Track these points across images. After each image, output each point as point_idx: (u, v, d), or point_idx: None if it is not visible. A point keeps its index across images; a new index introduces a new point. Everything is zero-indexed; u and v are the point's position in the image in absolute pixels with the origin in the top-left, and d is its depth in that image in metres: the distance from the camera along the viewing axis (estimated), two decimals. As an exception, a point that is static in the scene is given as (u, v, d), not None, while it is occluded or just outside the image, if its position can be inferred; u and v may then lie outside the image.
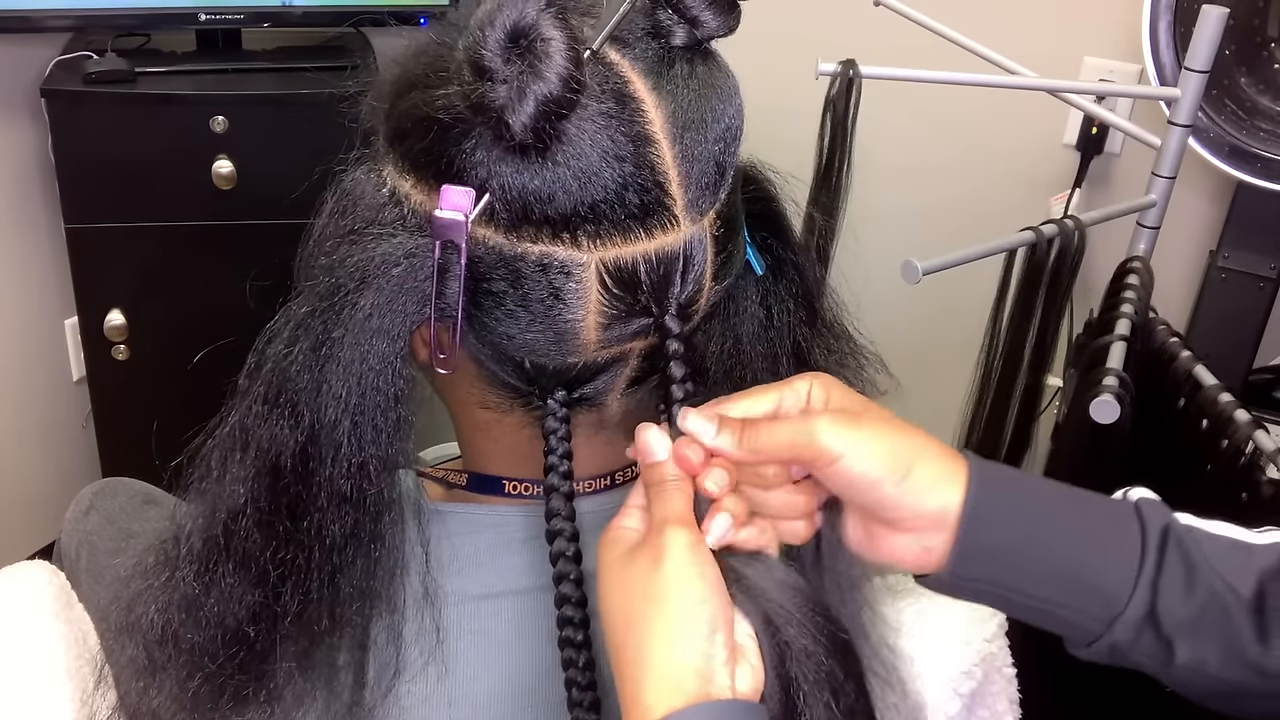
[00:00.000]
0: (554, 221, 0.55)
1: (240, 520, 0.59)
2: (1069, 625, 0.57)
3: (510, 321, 0.58)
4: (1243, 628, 0.55)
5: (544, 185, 0.55)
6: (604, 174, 0.55)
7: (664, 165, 0.56)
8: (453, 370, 0.62)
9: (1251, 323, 1.56)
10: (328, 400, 0.57)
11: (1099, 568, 0.56)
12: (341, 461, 0.57)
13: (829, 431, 0.55)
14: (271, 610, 0.59)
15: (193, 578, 0.61)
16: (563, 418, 0.62)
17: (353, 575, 0.59)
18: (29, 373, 1.89)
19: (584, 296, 0.57)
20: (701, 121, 0.58)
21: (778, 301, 0.69)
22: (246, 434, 0.59)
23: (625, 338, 0.60)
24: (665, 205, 0.57)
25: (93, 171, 1.61)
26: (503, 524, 0.66)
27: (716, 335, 0.68)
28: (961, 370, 1.38)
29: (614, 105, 0.56)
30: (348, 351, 0.56)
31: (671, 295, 0.59)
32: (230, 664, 0.60)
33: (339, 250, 0.59)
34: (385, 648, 0.62)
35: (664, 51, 0.58)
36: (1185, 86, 1.28)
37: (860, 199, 1.41)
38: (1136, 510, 0.58)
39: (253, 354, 0.60)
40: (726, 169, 0.60)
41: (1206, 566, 0.56)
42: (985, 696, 0.78)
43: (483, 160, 0.55)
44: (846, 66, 1.32)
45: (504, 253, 0.57)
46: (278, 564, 0.59)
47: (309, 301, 0.58)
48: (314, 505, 0.58)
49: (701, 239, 0.59)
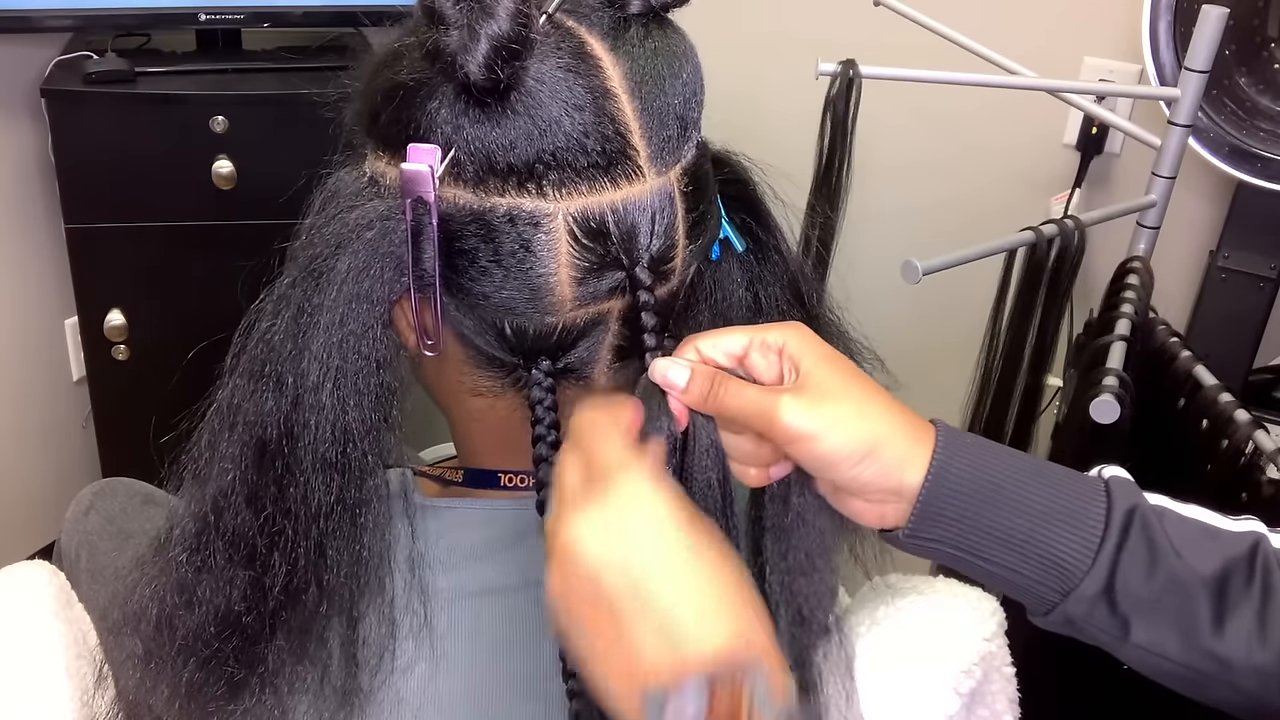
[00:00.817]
0: (518, 171, 0.57)
1: (230, 497, 0.60)
2: (1024, 593, 0.58)
3: (485, 280, 0.59)
4: (1201, 612, 0.56)
5: (504, 134, 0.57)
6: (564, 122, 0.57)
7: (624, 117, 0.58)
8: (439, 351, 0.63)
9: (1251, 323, 1.56)
10: (310, 366, 0.58)
11: (1057, 540, 0.56)
12: (324, 425, 0.58)
13: (791, 410, 0.55)
14: (261, 585, 0.60)
15: (185, 560, 0.62)
16: (548, 388, 0.63)
17: (339, 543, 0.60)
18: (29, 373, 1.89)
19: (554, 248, 0.59)
20: (659, 77, 0.60)
21: (764, 286, 0.71)
22: (234, 412, 0.60)
23: (600, 295, 0.61)
24: (628, 156, 0.59)
25: (93, 171, 1.61)
26: (498, 518, 0.66)
27: (705, 321, 0.69)
28: (961, 370, 1.38)
29: (571, 60, 0.58)
30: (327, 316, 0.58)
31: (640, 247, 0.60)
32: (224, 648, 0.61)
33: (319, 229, 0.61)
34: (377, 628, 0.62)
35: (619, 18, 0.61)
36: (1185, 86, 1.28)
37: (860, 199, 1.41)
38: (1106, 487, 0.58)
39: (238, 335, 0.61)
40: (689, 125, 0.62)
41: (1170, 549, 0.56)
42: (984, 696, 0.78)
43: (446, 118, 0.57)
44: (846, 66, 1.32)
45: (473, 208, 0.58)
46: (266, 536, 0.59)
47: (289, 274, 0.60)
48: (299, 471, 0.59)
49: (668, 192, 0.61)
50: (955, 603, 0.80)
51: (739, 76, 1.88)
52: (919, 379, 0.88)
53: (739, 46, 1.82)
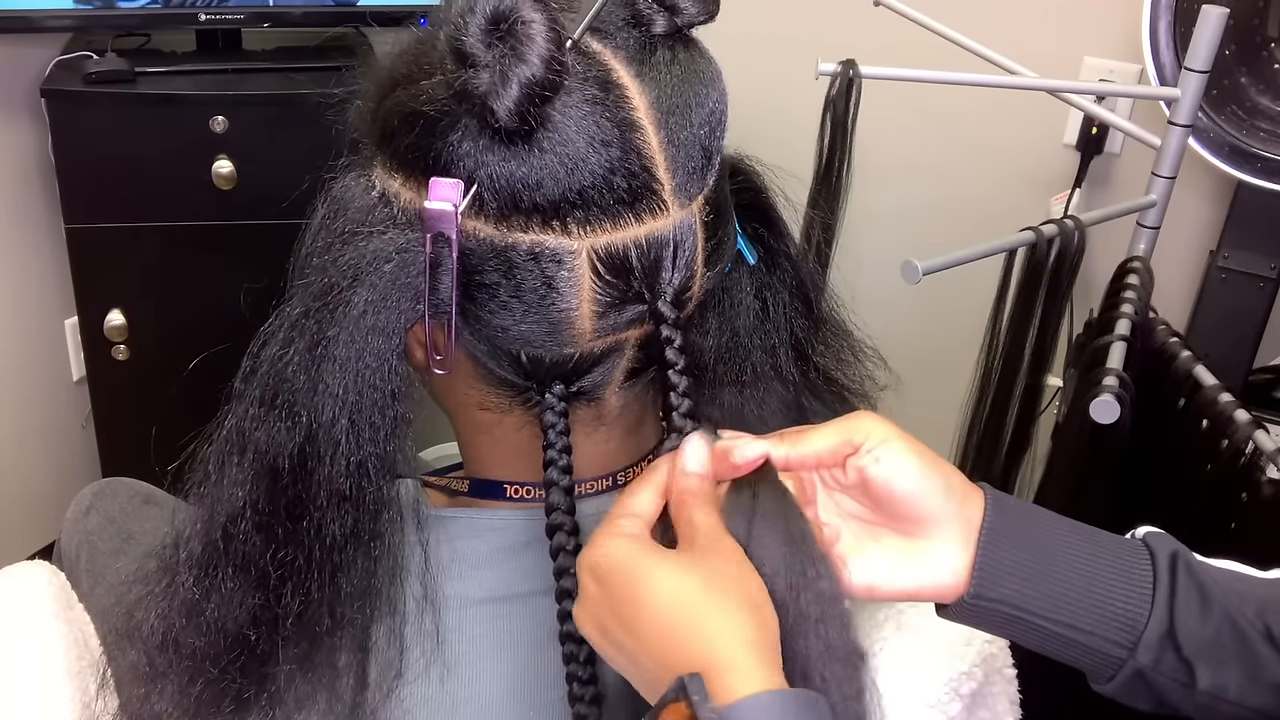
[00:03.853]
0: (543, 209, 0.56)
1: (239, 524, 0.59)
2: (1089, 653, 0.57)
3: (505, 314, 0.59)
4: (1260, 649, 0.56)
5: (531, 173, 0.55)
6: (590, 160, 0.55)
7: (650, 150, 0.57)
8: (449, 370, 0.62)
9: (1251, 323, 1.56)
10: (324, 400, 0.57)
11: (1112, 591, 0.56)
12: (340, 460, 0.57)
13: (871, 418, 0.58)
14: (272, 612, 0.59)
15: (192, 583, 0.61)
16: (561, 412, 0.62)
17: (353, 574, 0.59)
18: (29, 373, 1.89)
19: (577, 284, 0.57)
20: (685, 106, 0.58)
21: (773, 293, 0.70)
22: (244, 437, 0.59)
23: (620, 326, 0.60)
24: (653, 190, 0.57)
25: (93, 171, 1.61)
26: (505, 528, 0.66)
27: (714, 329, 0.69)
28: (961, 370, 1.38)
29: (598, 92, 0.56)
30: (343, 350, 0.57)
31: (663, 281, 0.59)
32: (232, 668, 0.60)
33: (331, 251, 0.59)
34: (386, 650, 0.62)
35: (645, 40, 0.59)
36: (1185, 86, 1.28)
37: (860, 199, 1.41)
38: (1144, 541, 0.59)
39: (248, 357, 0.60)
40: (713, 154, 0.60)
41: (1218, 590, 0.57)
42: (986, 697, 0.78)
43: (469, 151, 0.55)
44: (846, 66, 1.32)
45: (495, 244, 0.57)
46: (278, 565, 0.59)
47: (303, 302, 0.58)
48: (313, 505, 0.58)
49: (691, 224, 0.59)
50: (955, 603, 0.80)
51: (738, 77, 1.88)
52: (919, 379, 0.88)
53: (738, 46, 1.81)
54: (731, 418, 0.70)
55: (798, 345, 0.71)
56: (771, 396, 0.71)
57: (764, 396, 0.71)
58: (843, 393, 0.76)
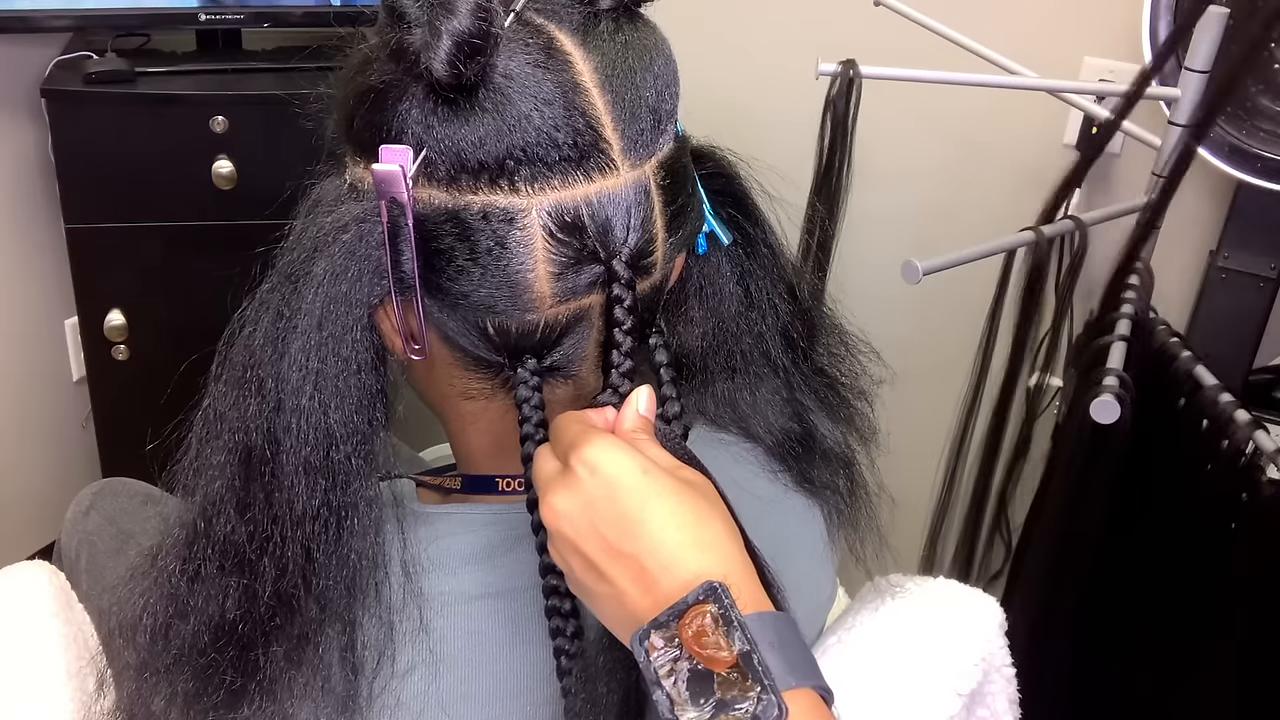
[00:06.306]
0: (489, 168, 0.57)
1: (218, 505, 0.60)
2: None
3: (464, 279, 0.60)
4: None
5: (474, 132, 0.57)
6: (533, 117, 0.57)
7: (595, 111, 0.58)
8: (425, 355, 0.63)
9: (1251, 323, 1.56)
10: (289, 369, 0.58)
11: None
12: (306, 429, 0.59)
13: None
14: (253, 592, 0.60)
15: (177, 570, 0.62)
16: (534, 386, 0.63)
17: (325, 547, 0.60)
18: (29, 373, 1.89)
19: (530, 244, 0.59)
20: (630, 70, 0.60)
21: (754, 280, 0.71)
22: (219, 419, 0.61)
23: (580, 290, 0.61)
24: (600, 149, 0.59)
25: (93, 171, 1.61)
26: (497, 522, 0.67)
27: (699, 318, 0.70)
28: (961, 370, 1.38)
29: (540, 56, 0.58)
30: (305, 319, 0.58)
31: (616, 240, 0.60)
32: (220, 657, 0.60)
33: (296, 233, 0.62)
34: (375, 641, 0.62)
35: (590, 14, 0.61)
36: (1185, 86, 1.28)
37: (860, 199, 1.41)
38: None
39: (222, 343, 0.62)
40: (663, 118, 0.62)
41: None
42: (985, 696, 0.79)
43: (416, 118, 0.57)
44: (846, 66, 1.32)
45: (448, 208, 0.58)
46: (255, 542, 0.59)
47: (269, 280, 0.61)
48: (284, 476, 0.59)
49: (645, 185, 0.61)
50: (956, 602, 0.80)
51: (739, 77, 1.88)
52: (919, 379, 0.88)
53: (738, 47, 1.82)
54: (726, 408, 0.71)
55: (785, 333, 0.72)
56: (763, 385, 0.72)
57: (756, 385, 0.72)
58: (836, 386, 0.77)
